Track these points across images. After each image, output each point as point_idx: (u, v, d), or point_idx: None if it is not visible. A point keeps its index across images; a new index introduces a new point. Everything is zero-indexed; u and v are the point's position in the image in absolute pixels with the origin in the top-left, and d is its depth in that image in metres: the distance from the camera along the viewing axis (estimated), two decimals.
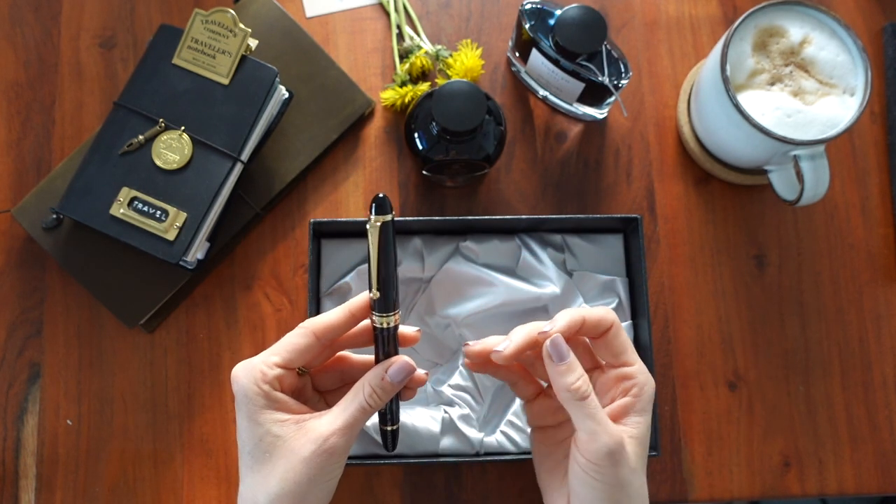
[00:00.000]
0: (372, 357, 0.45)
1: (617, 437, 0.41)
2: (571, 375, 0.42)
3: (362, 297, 0.44)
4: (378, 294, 0.42)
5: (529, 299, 0.59)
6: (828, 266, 0.64)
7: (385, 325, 0.43)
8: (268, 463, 0.41)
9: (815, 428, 0.61)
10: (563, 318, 0.43)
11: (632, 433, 0.43)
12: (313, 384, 0.47)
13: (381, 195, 0.41)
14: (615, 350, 0.45)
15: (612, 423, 0.42)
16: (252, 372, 0.41)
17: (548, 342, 0.43)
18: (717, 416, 0.61)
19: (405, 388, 0.45)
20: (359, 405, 0.41)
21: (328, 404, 0.46)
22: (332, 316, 0.43)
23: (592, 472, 0.41)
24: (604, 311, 0.45)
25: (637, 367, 0.45)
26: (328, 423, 0.41)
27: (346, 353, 0.47)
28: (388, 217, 0.41)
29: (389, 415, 0.45)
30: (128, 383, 0.61)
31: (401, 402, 0.55)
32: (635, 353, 0.45)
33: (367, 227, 0.41)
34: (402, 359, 0.42)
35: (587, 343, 0.47)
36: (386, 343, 0.43)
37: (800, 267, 0.64)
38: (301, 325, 0.43)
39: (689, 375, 0.62)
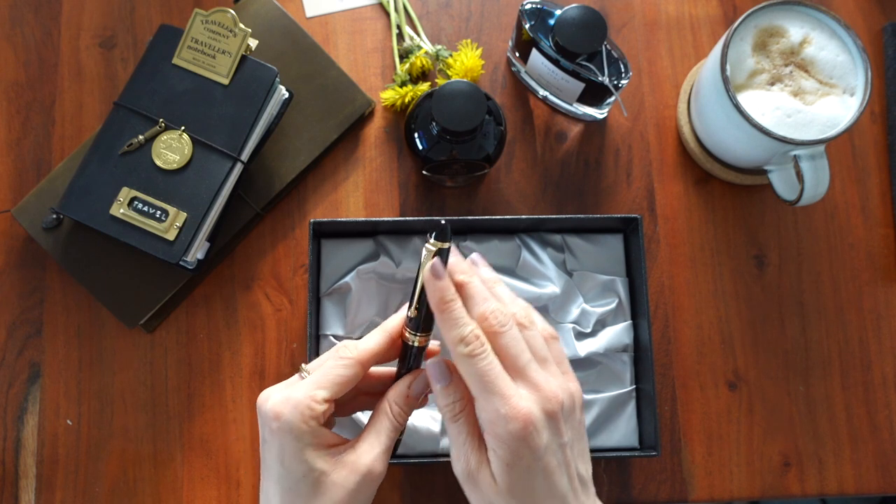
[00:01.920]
0: (387, 369, 0.46)
1: (470, 468, 0.40)
2: (445, 398, 0.42)
3: (398, 318, 0.44)
4: (416, 312, 0.43)
5: (529, 299, 0.59)
6: (828, 266, 0.64)
7: (417, 344, 0.43)
8: (317, 497, 0.41)
9: (815, 428, 0.61)
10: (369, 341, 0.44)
11: (490, 468, 0.40)
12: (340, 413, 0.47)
13: (444, 222, 0.41)
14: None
15: (469, 452, 0.40)
16: (299, 408, 0.40)
17: (430, 364, 0.42)
18: (717, 416, 0.61)
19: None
20: (391, 426, 0.42)
21: (337, 413, 0.46)
22: (373, 343, 0.43)
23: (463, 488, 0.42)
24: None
25: (480, 406, 0.39)
26: (368, 452, 0.42)
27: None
28: (447, 245, 0.41)
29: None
30: (128, 383, 0.61)
31: None
32: (490, 386, 0.39)
33: (424, 249, 0.42)
34: (423, 371, 0.43)
35: None
36: (413, 359, 0.44)
37: (800, 267, 0.64)
38: (340, 354, 0.43)
39: (689, 375, 0.62)
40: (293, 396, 0.41)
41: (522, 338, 0.40)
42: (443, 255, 0.41)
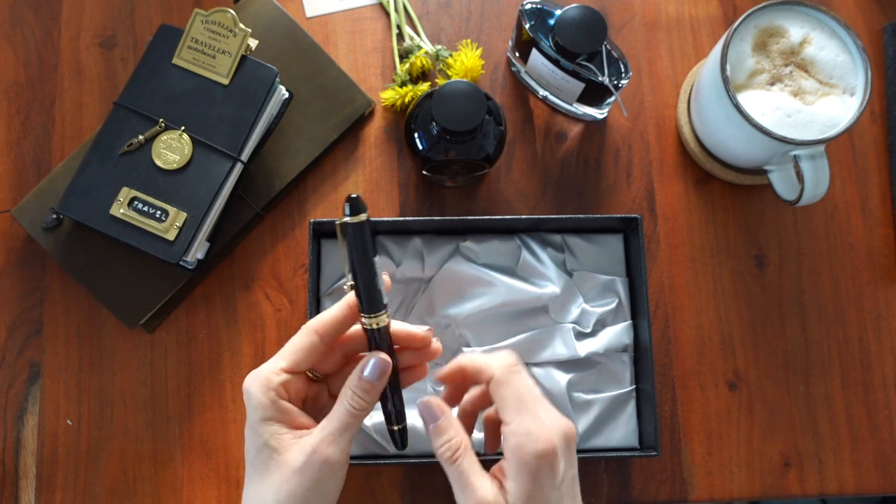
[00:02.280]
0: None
1: (481, 497, 0.39)
2: (438, 438, 0.41)
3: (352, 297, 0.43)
4: (354, 294, 0.41)
5: (529, 299, 0.59)
6: (828, 266, 0.64)
7: (374, 326, 0.42)
8: (265, 474, 0.40)
9: (815, 428, 0.61)
10: (444, 371, 0.44)
11: (507, 497, 0.39)
12: (331, 391, 0.46)
13: (353, 195, 0.40)
14: (496, 403, 0.41)
15: (480, 488, 0.40)
16: (259, 380, 0.41)
17: (419, 404, 0.42)
18: (717, 416, 0.61)
19: (415, 368, 0.44)
20: (344, 411, 0.41)
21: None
22: (331, 311, 0.42)
23: None
24: (486, 361, 0.42)
25: (511, 427, 0.39)
26: (318, 434, 0.40)
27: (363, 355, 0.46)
28: (363, 217, 0.40)
29: (394, 414, 0.44)
30: (128, 383, 0.61)
31: (403, 401, 0.54)
32: (524, 407, 0.40)
33: (337, 225, 0.40)
34: (375, 355, 0.41)
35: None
36: (378, 344, 0.42)
37: (800, 267, 0.64)
38: (303, 326, 0.43)
39: (689, 375, 0.62)
40: (259, 370, 0.41)
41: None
42: (360, 228, 0.40)
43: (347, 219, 0.40)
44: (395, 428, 0.44)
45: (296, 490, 0.40)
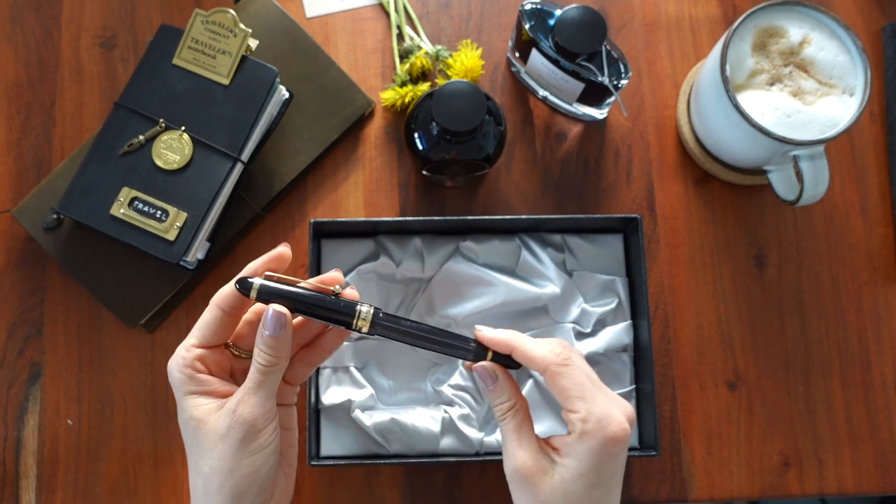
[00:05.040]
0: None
1: (517, 466, 0.42)
2: (497, 398, 0.44)
3: (253, 263, 0.43)
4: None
5: (529, 299, 0.59)
6: (827, 266, 0.64)
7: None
8: (196, 446, 0.41)
9: (815, 428, 0.62)
10: (490, 336, 0.44)
11: (555, 469, 0.41)
12: (287, 379, 0.45)
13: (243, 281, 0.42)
14: (555, 393, 0.42)
15: (515, 457, 0.42)
16: (175, 359, 0.42)
17: (477, 368, 0.44)
18: (717, 416, 0.61)
19: (327, 330, 0.44)
20: (256, 369, 0.41)
21: (289, 378, 0.46)
22: (229, 286, 0.43)
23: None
24: (538, 352, 0.42)
25: (580, 415, 0.41)
26: (235, 395, 0.41)
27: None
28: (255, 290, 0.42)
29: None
30: (128, 383, 0.61)
31: (401, 402, 0.55)
32: (586, 393, 0.41)
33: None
34: (269, 308, 0.41)
35: None
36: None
37: (799, 267, 0.64)
38: (210, 300, 0.43)
39: (689, 375, 0.62)
40: (175, 351, 0.42)
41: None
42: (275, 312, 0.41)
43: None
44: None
45: (224, 454, 0.40)
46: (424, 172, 0.60)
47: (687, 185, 0.66)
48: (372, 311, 0.42)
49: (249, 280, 0.42)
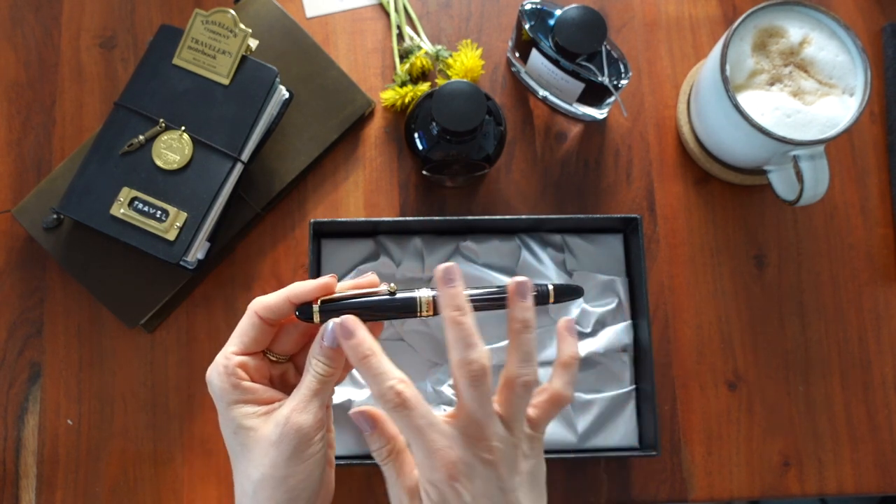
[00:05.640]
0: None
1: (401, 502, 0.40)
2: (375, 444, 0.42)
3: (301, 286, 0.43)
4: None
5: None
6: (828, 266, 0.64)
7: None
8: (246, 454, 0.41)
9: (815, 428, 0.62)
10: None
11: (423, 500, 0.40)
12: (299, 370, 0.45)
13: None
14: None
15: (405, 488, 0.40)
16: (217, 369, 0.42)
17: (354, 415, 0.42)
18: (717, 416, 0.61)
19: (374, 325, 0.44)
20: (311, 378, 0.41)
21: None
22: (271, 297, 0.42)
23: None
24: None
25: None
26: (289, 404, 0.41)
27: None
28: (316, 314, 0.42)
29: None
30: (128, 383, 0.61)
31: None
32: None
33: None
34: (330, 323, 0.41)
35: None
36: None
37: (800, 267, 0.64)
38: (248, 306, 0.43)
39: (689, 375, 0.62)
40: (214, 360, 0.42)
41: (487, 394, 0.39)
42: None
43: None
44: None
45: (276, 461, 0.40)
46: (424, 172, 0.60)
47: (687, 185, 0.66)
48: (431, 295, 0.42)
49: (309, 306, 0.42)
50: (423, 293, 0.42)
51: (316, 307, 0.42)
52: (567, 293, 0.43)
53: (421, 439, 0.39)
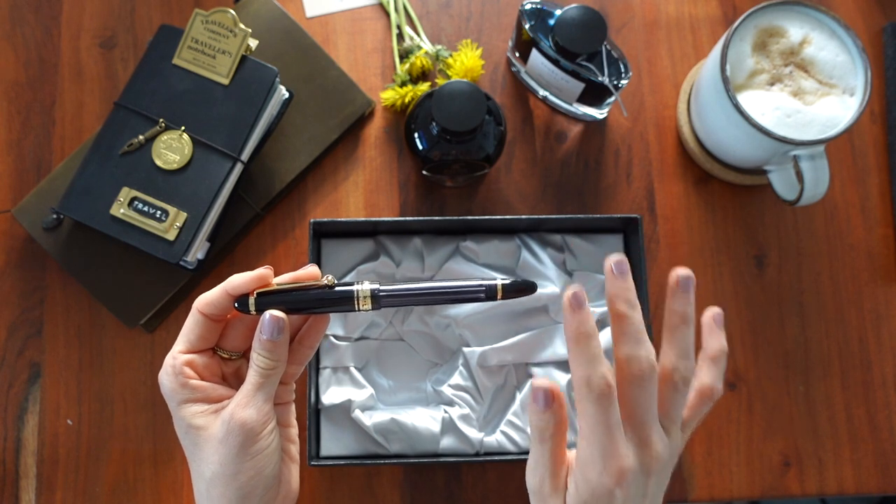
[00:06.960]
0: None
1: (543, 484, 0.40)
2: (539, 421, 0.41)
3: (237, 278, 0.42)
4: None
5: (529, 299, 0.59)
6: (828, 266, 0.64)
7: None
8: (198, 452, 0.41)
9: (815, 428, 0.61)
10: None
11: (570, 491, 0.40)
12: (281, 379, 0.45)
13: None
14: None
15: (554, 471, 0.40)
16: (165, 370, 0.42)
17: (533, 385, 0.41)
18: (717, 416, 0.61)
19: (318, 319, 0.44)
20: (253, 372, 0.41)
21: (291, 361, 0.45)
22: (211, 292, 0.42)
23: None
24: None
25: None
26: (234, 400, 0.41)
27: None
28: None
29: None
30: (128, 383, 0.61)
31: (401, 403, 0.54)
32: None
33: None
34: (267, 314, 0.41)
35: None
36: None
37: (800, 267, 0.64)
38: (192, 305, 0.43)
39: None
40: (164, 361, 0.42)
41: (654, 394, 0.39)
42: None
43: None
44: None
45: (225, 458, 0.40)
46: (424, 172, 0.60)
47: (687, 185, 0.66)
48: (370, 288, 0.41)
49: (246, 298, 0.42)
50: (363, 287, 0.41)
51: (252, 299, 0.41)
52: (516, 290, 0.41)
53: (605, 438, 0.38)
